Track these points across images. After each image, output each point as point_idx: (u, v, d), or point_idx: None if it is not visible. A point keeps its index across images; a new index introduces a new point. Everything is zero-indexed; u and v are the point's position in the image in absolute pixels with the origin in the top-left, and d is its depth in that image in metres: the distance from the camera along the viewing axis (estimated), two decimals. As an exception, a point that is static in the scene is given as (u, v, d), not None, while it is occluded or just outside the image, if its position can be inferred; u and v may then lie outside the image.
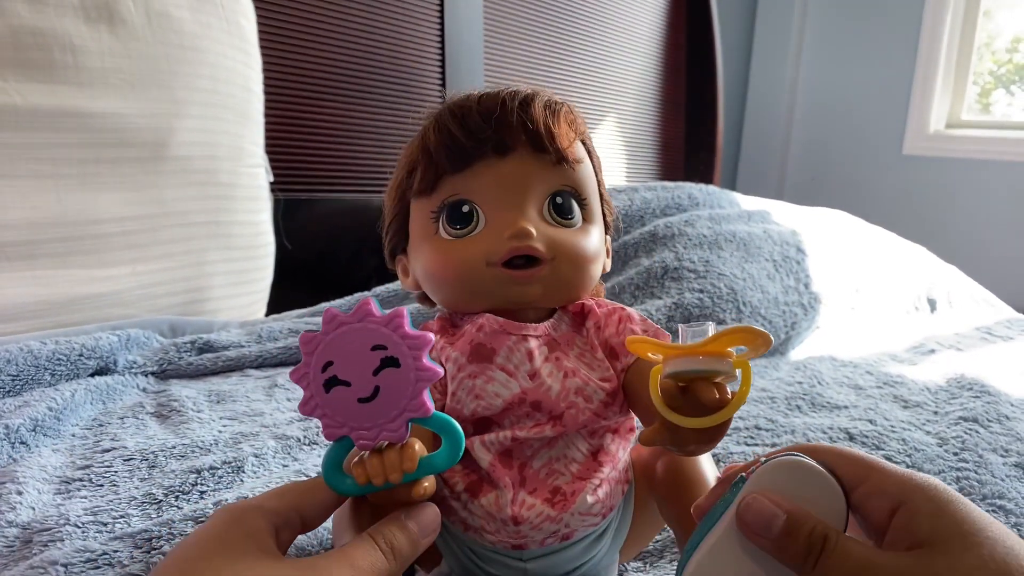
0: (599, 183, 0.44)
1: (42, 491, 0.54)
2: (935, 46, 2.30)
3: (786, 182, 2.68)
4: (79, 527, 0.49)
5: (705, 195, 1.31)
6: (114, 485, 0.56)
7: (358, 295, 1.05)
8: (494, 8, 1.57)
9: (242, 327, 0.96)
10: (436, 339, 0.40)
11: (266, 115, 1.09)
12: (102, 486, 0.56)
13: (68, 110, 0.82)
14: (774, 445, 0.67)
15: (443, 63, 1.45)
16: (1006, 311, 1.34)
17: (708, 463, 0.42)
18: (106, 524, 0.49)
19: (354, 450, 0.33)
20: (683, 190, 1.30)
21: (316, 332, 0.31)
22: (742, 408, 0.76)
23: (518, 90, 0.41)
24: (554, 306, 0.42)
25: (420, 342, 0.31)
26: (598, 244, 0.42)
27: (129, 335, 0.83)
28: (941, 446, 0.68)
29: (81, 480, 0.57)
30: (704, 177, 2.13)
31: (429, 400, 0.32)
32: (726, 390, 0.32)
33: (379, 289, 1.06)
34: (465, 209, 0.40)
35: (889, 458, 0.65)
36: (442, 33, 1.44)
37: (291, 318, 1.01)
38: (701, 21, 2.12)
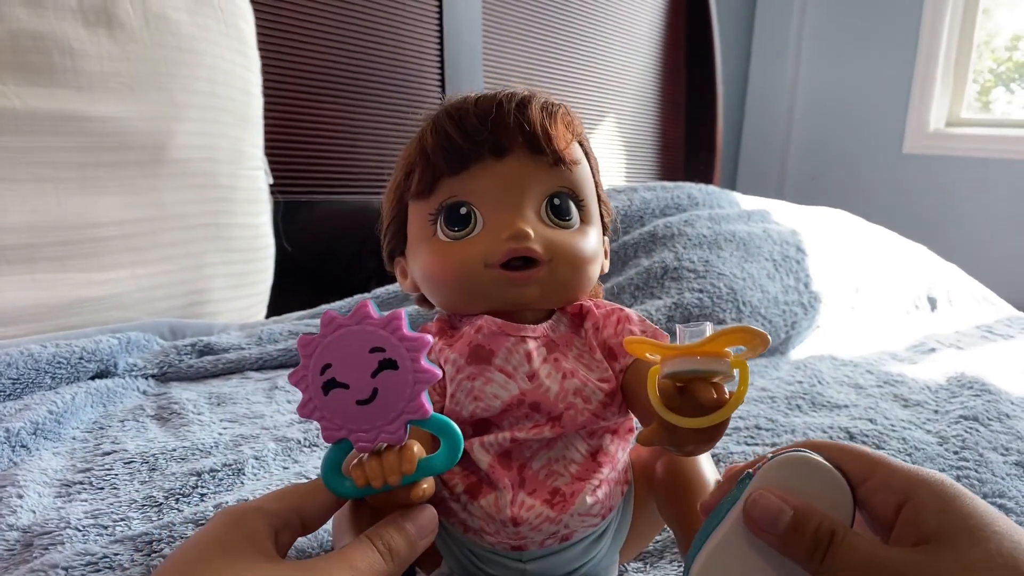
0: (597, 184, 0.44)
1: (43, 494, 0.54)
2: (934, 44, 2.30)
3: (786, 182, 2.68)
4: (80, 530, 0.49)
5: (705, 195, 1.31)
6: (115, 488, 0.56)
7: (358, 297, 1.05)
8: (493, 8, 1.57)
9: (242, 329, 0.96)
10: (435, 341, 0.40)
11: (265, 117, 1.09)
12: (103, 489, 0.56)
13: (67, 114, 0.82)
14: (774, 445, 0.67)
15: (442, 64, 1.45)
16: (1006, 309, 1.34)
17: (708, 463, 0.42)
18: (107, 527, 0.50)
19: (353, 452, 0.33)
20: (683, 190, 1.30)
21: (314, 335, 0.31)
22: (742, 408, 0.76)
23: (515, 92, 0.41)
24: (552, 307, 0.42)
25: (418, 344, 0.31)
26: (596, 245, 0.42)
27: (129, 338, 0.83)
28: (941, 445, 0.68)
29: (82, 483, 0.57)
30: (704, 177, 2.12)
31: (427, 402, 0.32)
32: (724, 390, 0.32)
33: (379, 291, 1.06)
34: (463, 211, 0.40)
35: (889, 457, 0.65)
36: (441, 34, 1.44)
37: (291, 320, 1.01)
38: (700, 21, 2.12)
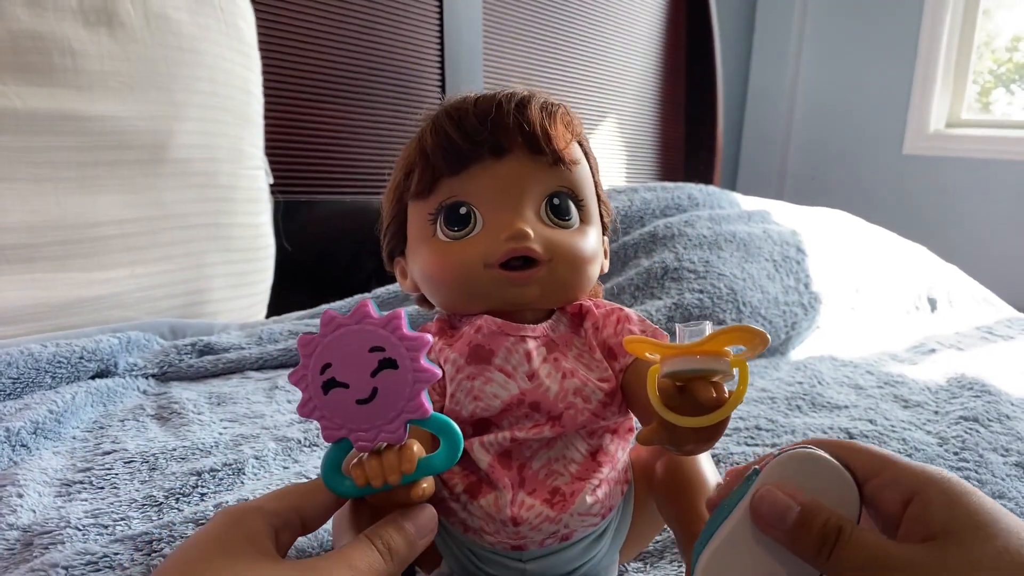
0: (596, 184, 0.44)
1: (43, 494, 0.54)
2: (935, 45, 2.30)
3: (786, 182, 2.68)
4: (80, 530, 0.49)
5: (705, 195, 1.31)
6: (115, 487, 0.56)
7: (358, 297, 1.05)
8: (493, 8, 1.57)
9: (242, 329, 0.96)
10: (434, 340, 0.40)
11: (265, 117, 1.09)
12: (103, 488, 0.56)
13: (67, 113, 0.82)
14: (774, 445, 0.67)
15: (442, 64, 1.45)
16: (1006, 310, 1.33)
17: (708, 463, 0.42)
18: (107, 526, 0.50)
19: (353, 452, 0.33)
20: (683, 190, 1.30)
21: (314, 334, 0.31)
22: (742, 408, 0.76)
23: (514, 92, 0.41)
24: (552, 307, 0.42)
25: (418, 343, 0.31)
26: (595, 245, 0.42)
27: (129, 337, 0.83)
28: (941, 446, 0.68)
29: (82, 483, 0.57)
30: (704, 177, 2.12)
31: (427, 401, 0.32)
32: (723, 389, 0.32)
33: (379, 291, 1.06)
34: (462, 211, 0.40)
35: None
36: (441, 34, 1.44)
37: (291, 320, 1.01)
38: (701, 21, 2.12)
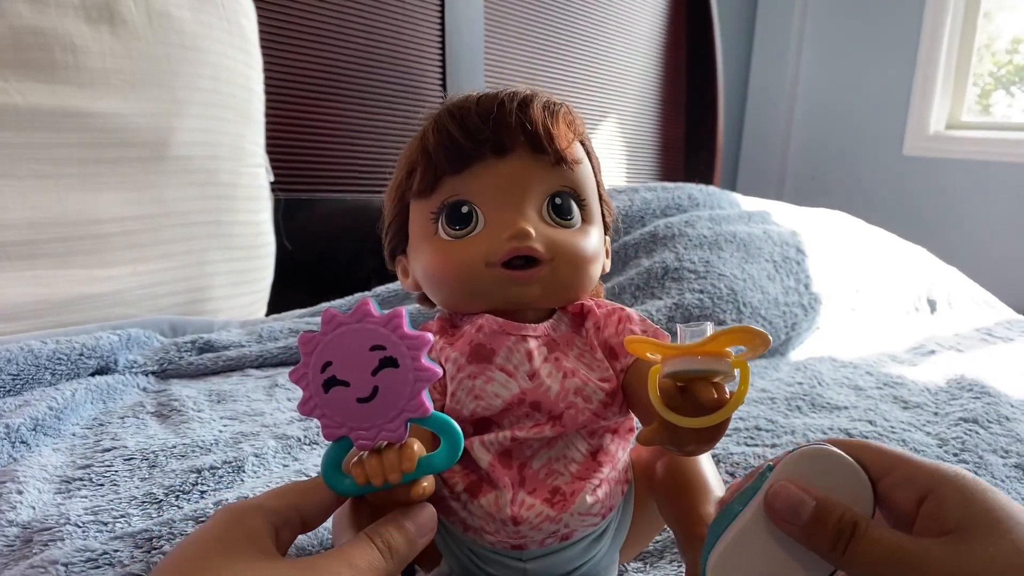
0: (598, 184, 0.44)
1: (42, 490, 0.54)
2: (935, 47, 2.30)
3: (786, 183, 2.68)
4: (79, 526, 0.49)
5: (705, 196, 1.31)
6: (114, 485, 0.56)
7: (358, 295, 1.05)
8: (494, 8, 1.57)
9: (242, 327, 0.96)
10: (435, 339, 0.40)
11: (267, 115, 1.09)
12: (103, 485, 0.56)
13: (69, 110, 0.82)
14: (774, 445, 0.67)
15: (443, 63, 1.45)
16: (1006, 312, 1.33)
17: (708, 463, 0.42)
18: (106, 524, 0.50)
19: (353, 450, 0.33)
20: (683, 190, 1.30)
21: (315, 332, 0.31)
22: (742, 409, 0.76)
23: (517, 91, 0.41)
24: (553, 307, 0.42)
25: (419, 342, 0.31)
26: (597, 244, 0.42)
27: (130, 335, 0.83)
28: (941, 447, 0.69)
29: (81, 479, 0.57)
30: (704, 177, 2.12)
31: (428, 400, 0.32)
32: (724, 390, 0.32)
33: (379, 289, 1.06)
34: (464, 210, 0.40)
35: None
36: (442, 33, 1.44)
37: (291, 318, 1.01)
38: (701, 21, 2.12)
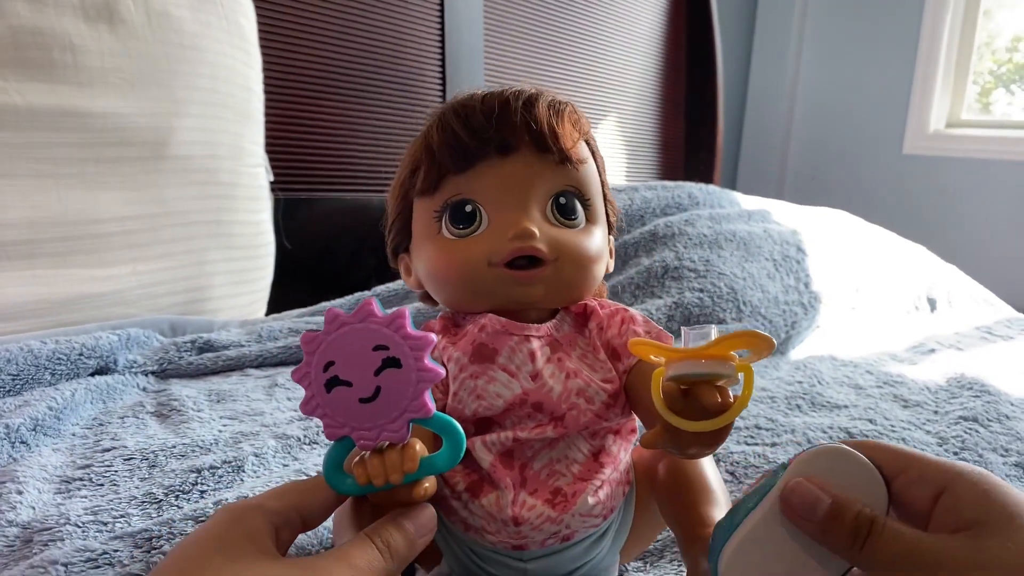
0: (603, 183, 0.44)
1: (42, 490, 0.54)
2: (935, 46, 2.30)
3: (786, 182, 2.68)
4: (79, 526, 0.49)
5: (705, 194, 1.31)
6: (114, 484, 0.56)
7: (358, 295, 1.05)
8: (494, 8, 1.57)
9: (242, 326, 0.96)
10: (438, 339, 0.40)
11: (266, 114, 1.09)
12: (102, 485, 0.56)
13: (68, 109, 0.82)
14: (774, 445, 0.67)
15: (443, 63, 1.45)
16: (1006, 310, 1.33)
17: (710, 465, 0.42)
18: (106, 523, 0.49)
19: (355, 450, 0.33)
20: (683, 189, 1.30)
21: (318, 332, 0.31)
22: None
23: (522, 90, 0.41)
24: (557, 307, 0.42)
25: (422, 343, 0.31)
26: (601, 244, 0.42)
27: (129, 334, 0.83)
28: (941, 445, 0.69)
29: (81, 479, 0.57)
30: (704, 177, 2.12)
31: (430, 401, 0.31)
32: (728, 394, 0.32)
33: (379, 289, 1.06)
34: (468, 209, 0.40)
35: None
36: (442, 33, 1.44)
37: (291, 317, 1.01)
38: (701, 21, 2.12)
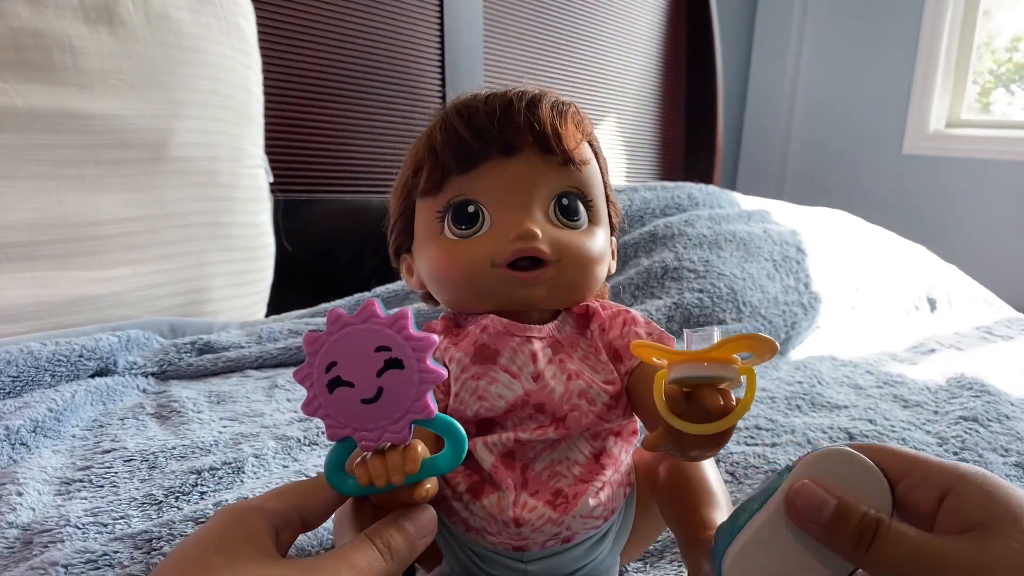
0: (605, 184, 0.44)
1: (42, 492, 0.54)
2: (935, 45, 2.30)
3: (786, 182, 2.68)
4: (79, 528, 0.49)
5: (705, 195, 1.31)
6: (114, 486, 0.56)
7: (358, 296, 1.05)
8: (494, 8, 1.57)
9: (242, 328, 0.96)
10: (440, 340, 0.40)
11: (266, 116, 1.09)
12: (102, 487, 0.56)
13: (68, 111, 0.82)
14: (774, 446, 0.67)
15: (443, 63, 1.45)
16: (1006, 310, 1.34)
17: (711, 467, 0.41)
18: (106, 525, 0.49)
19: (357, 451, 0.33)
20: (683, 190, 1.30)
21: (320, 332, 0.31)
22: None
23: (525, 90, 0.41)
24: (559, 308, 0.42)
25: (424, 344, 0.31)
26: (603, 246, 0.42)
27: (129, 336, 0.83)
28: (941, 445, 0.68)
29: (81, 481, 0.57)
30: (704, 177, 2.12)
31: (432, 402, 0.31)
32: (731, 397, 0.31)
33: (379, 289, 1.06)
34: (471, 209, 0.40)
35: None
36: (442, 33, 1.44)
37: (291, 319, 1.01)
38: (701, 21, 2.12)
